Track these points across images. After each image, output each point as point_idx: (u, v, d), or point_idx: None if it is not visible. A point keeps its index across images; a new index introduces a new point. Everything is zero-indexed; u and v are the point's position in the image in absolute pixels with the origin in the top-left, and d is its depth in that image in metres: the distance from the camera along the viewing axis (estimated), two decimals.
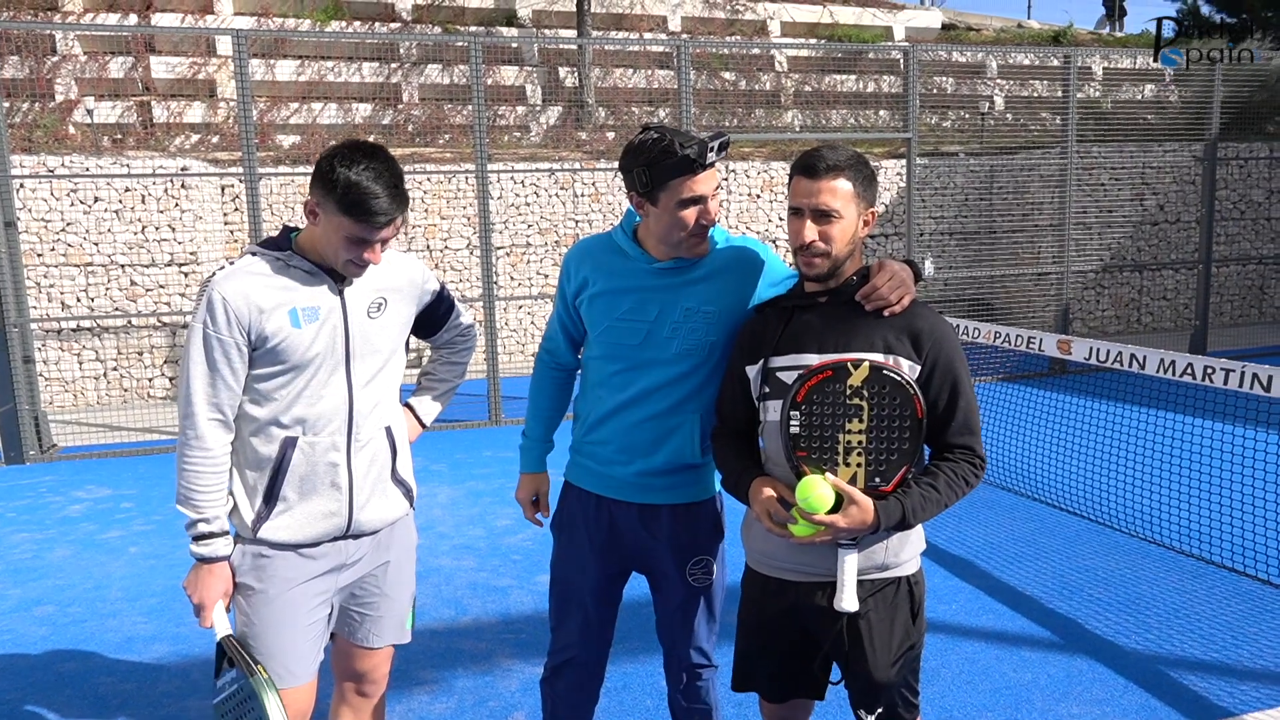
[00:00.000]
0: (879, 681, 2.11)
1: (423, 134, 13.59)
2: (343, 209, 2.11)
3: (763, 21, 17.83)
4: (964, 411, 2.09)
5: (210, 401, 2.18)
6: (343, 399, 2.25)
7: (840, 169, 2.06)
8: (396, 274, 2.38)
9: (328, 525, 2.27)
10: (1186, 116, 12.30)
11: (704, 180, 2.22)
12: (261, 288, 2.18)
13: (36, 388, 7.56)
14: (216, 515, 2.20)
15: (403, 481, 2.43)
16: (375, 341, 2.30)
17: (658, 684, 3.53)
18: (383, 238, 2.17)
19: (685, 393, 2.36)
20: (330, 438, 2.24)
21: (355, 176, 2.09)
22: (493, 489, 6.37)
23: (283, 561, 2.25)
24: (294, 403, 2.21)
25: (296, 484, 2.24)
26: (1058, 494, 5.85)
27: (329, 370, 2.23)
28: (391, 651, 2.54)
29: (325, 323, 2.22)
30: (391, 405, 2.39)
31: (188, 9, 14.75)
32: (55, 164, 9.97)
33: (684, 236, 2.26)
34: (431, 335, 2.60)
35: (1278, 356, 10.34)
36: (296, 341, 2.18)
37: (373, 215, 2.11)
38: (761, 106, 15.32)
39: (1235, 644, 3.85)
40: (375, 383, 2.31)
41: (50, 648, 4.11)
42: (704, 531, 2.48)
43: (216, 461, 2.20)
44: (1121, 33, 24.20)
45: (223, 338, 2.15)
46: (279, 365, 2.19)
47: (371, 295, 2.31)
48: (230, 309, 2.14)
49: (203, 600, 2.20)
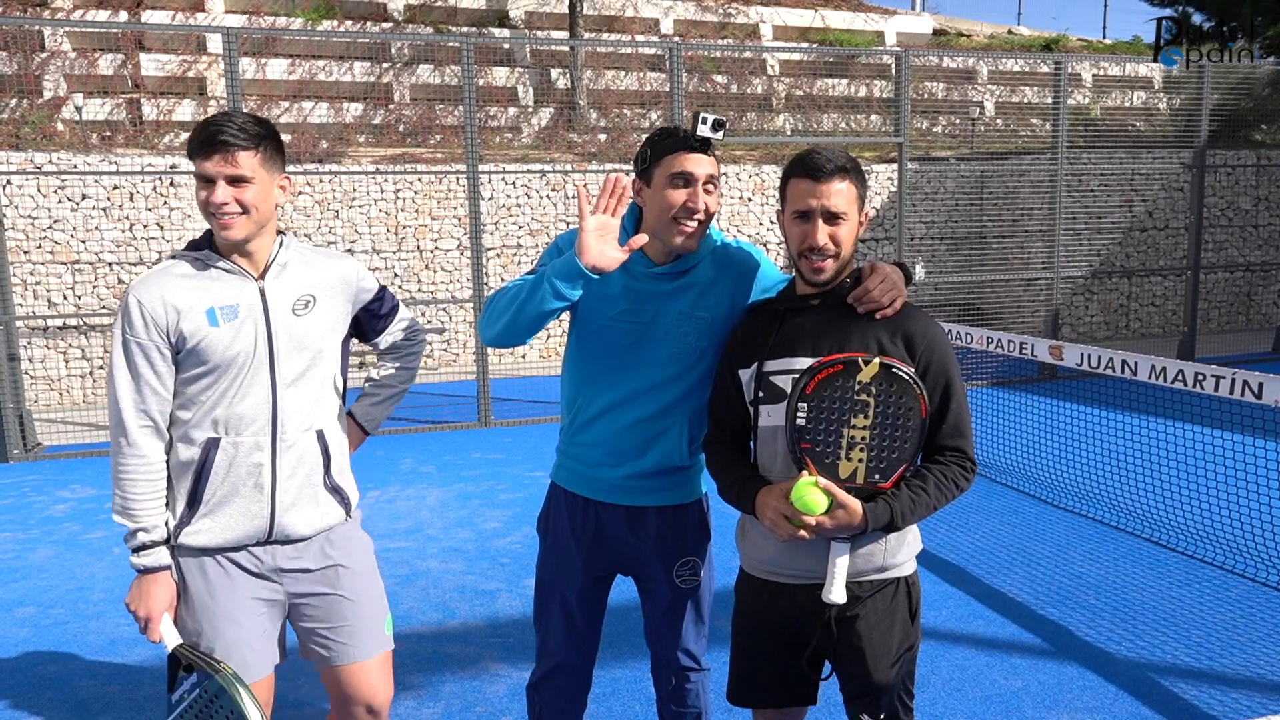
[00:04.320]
0: (878, 683, 2.10)
1: (414, 134, 13.53)
2: (189, 151, 2.14)
3: (754, 25, 17.84)
4: (955, 414, 2.09)
5: (139, 409, 2.15)
6: (266, 398, 2.20)
7: (845, 171, 2.07)
8: (327, 271, 2.34)
9: (249, 528, 2.22)
10: (1175, 124, 12.36)
11: (695, 160, 2.21)
12: (178, 288, 2.15)
13: (21, 386, 7.49)
14: (156, 524, 2.17)
15: (338, 489, 2.35)
16: (301, 339, 2.25)
17: (646, 689, 3.50)
18: (218, 171, 2.11)
19: (675, 396, 2.34)
20: (254, 438, 2.19)
21: (205, 121, 2.14)
22: (481, 491, 6.34)
23: (210, 566, 2.22)
24: (218, 403, 2.17)
25: (219, 486, 2.19)
26: (1050, 496, 5.85)
27: (252, 369, 2.18)
28: (383, 664, 2.43)
29: (245, 320, 2.18)
30: (325, 408, 2.32)
31: (178, 6, 14.67)
32: (43, 160, 9.89)
33: (670, 220, 2.22)
34: (375, 338, 2.54)
35: (1265, 363, 10.39)
36: (215, 340, 2.15)
37: (207, 143, 2.09)
38: (753, 110, 15.31)
39: (1226, 651, 3.84)
40: (303, 383, 2.25)
41: (31, 650, 4.06)
42: (691, 533, 2.47)
43: (152, 469, 2.17)
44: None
45: (142, 342, 2.13)
46: (201, 366, 2.16)
47: (298, 292, 2.26)
48: (146, 311, 2.12)
49: (149, 613, 2.17)
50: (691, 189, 2.22)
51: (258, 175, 2.15)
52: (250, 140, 2.13)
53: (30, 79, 12.42)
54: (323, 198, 10.96)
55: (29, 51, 12.82)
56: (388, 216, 11.19)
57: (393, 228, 11.20)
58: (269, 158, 2.18)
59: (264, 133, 2.17)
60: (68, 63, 12.96)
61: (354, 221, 11.06)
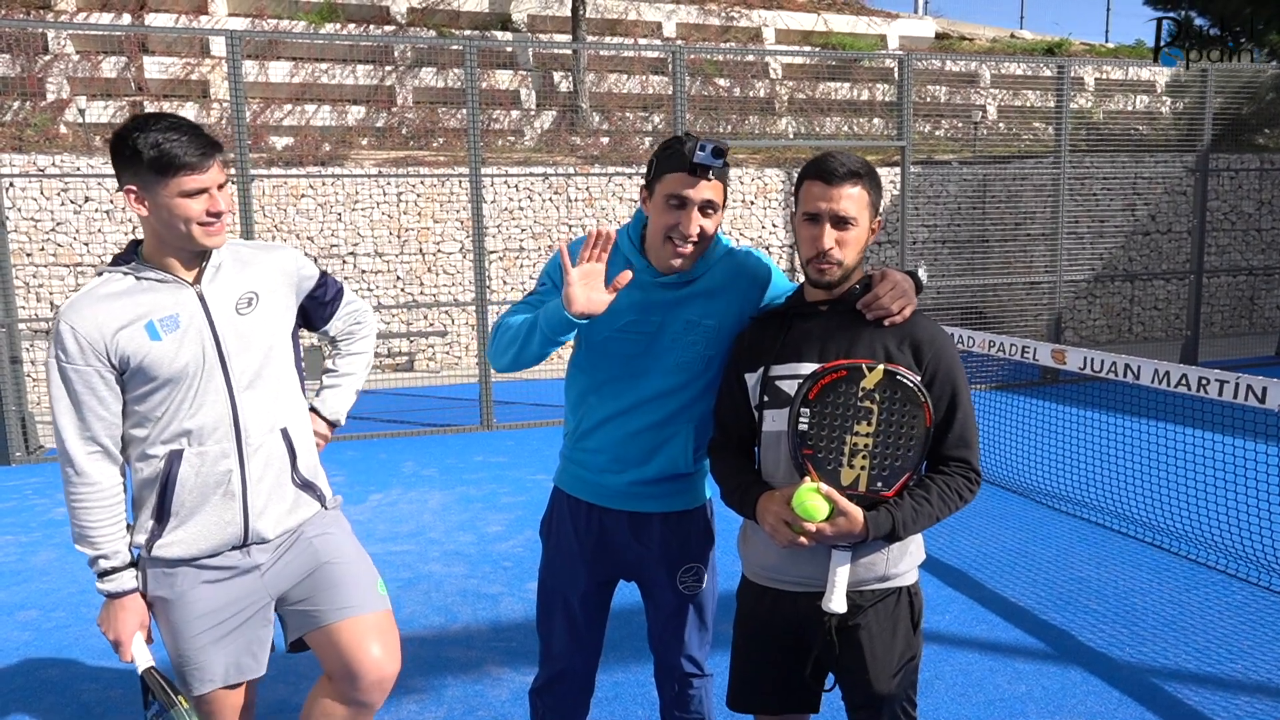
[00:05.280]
0: (880, 693, 2.09)
1: (416, 137, 13.54)
2: (158, 169, 2.02)
3: (757, 29, 17.85)
4: (961, 424, 2.07)
5: (83, 436, 2.09)
6: (224, 404, 2.15)
7: (858, 176, 2.05)
8: (265, 266, 2.27)
9: (224, 535, 2.18)
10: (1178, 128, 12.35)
11: (689, 182, 2.17)
12: (110, 308, 2.07)
13: (24, 388, 7.49)
14: (116, 550, 2.14)
15: (308, 484, 2.32)
16: (250, 339, 2.19)
17: (649, 694, 3.50)
18: (214, 181, 2.07)
19: (680, 403, 2.33)
20: (218, 445, 2.14)
21: (151, 138, 2.01)
22: (484, 494, 6.33)
23: (186, 575, 2.18)
24: (174, 417, 2.11)
25: (187, 497, 2.14)
26: (1052, 500, 5.84)
27: (205, 377, 2.12)
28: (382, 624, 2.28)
29: (188, 329, 2.11)
30: (285, 405, 2.27)
31: (181, 9, 14.69)
32: (46, 163, 9.90)
33: (664, 240, 2.21)
34: (323, 326, 2.47)
35: (1268, 367, 10.38)
36: (160, 355, 2.08)
37: (194, 160, 2.03)
38: (756, 113, 15.32)
39: (1230, 656, 3.83)
40: (260, 383, 2.20)
41: (33, 654, 4.05)
42: (695, 539, 2.46)
43: (105, 495, 2.12)
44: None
45: (79, 368, 2.05)
46: (150, 383, 2.09)
47: (238, 291, 2.20)
48: (80, 338, 2.04)
49: (118, 636, 2.15)
50: (685, 212, 2.19)
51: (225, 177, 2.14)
52: (216, 144, 2.09)
53: (33, 82, 12.44)
54: (325, 200, 10.97)
55: (32, 54, 12.85)
56: (390, 219, 11.20)
57: (395, 230, 11.21)
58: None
59: (209, 134, 2.11)
60: (71, 65, 12.98)
61: (356, 224, 11.06)
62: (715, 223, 2.25)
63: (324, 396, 2.54)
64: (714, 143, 2.16)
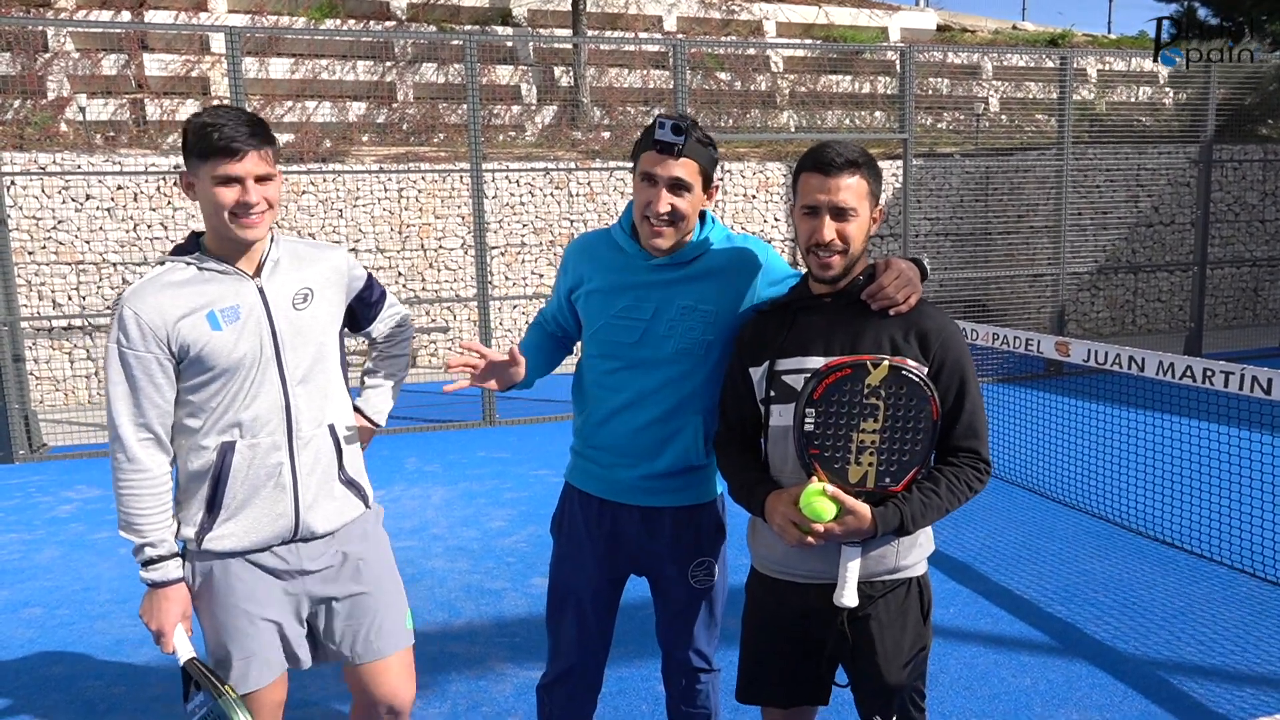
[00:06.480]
0: (891, 684, 2.08)
1: (417, 133, 13.53)
2: (200, 153, 2.06)
3: (758, 22, 17.82)
4: (970, 414, 2.06)
5: (137, 422, 2.10)
6: (278, 396, 2.18)
7: (856, 166, 2.02)
8: (319, 263, 2.31)
9: (275, 528, 2.20)
10: (1181, 119, 12.31)
11: (657, 160, 2.19)
12: (174, 296, 2.10)
13: (26, 386, 7.49)
14: (163, 539, 2.14)
15: (352, 482, 2.35)
16: (305, 334, 2.22)
17: (654, 688, 3.49)
18: (249, 172, 2.07)
19: (685, 394, 2.32)
20: (270, 438, 2.17)
21: (202, 120, 2.07)
22: (487, 490, 6.33)
23: (235, 568, 2.20)
24: (229, 407, 2.13)
25: (239, 489, 2.16)
26: (1057, 493, 5.83)
27: (261, 369, 2.15)
28: (404, 662, 2.41)
29: (248, 320, 2.14)
30: (333, 402, 2.30)
31: (181, 6, 14.68)
32: (46, 161, 9.90)
33: (642, 219, 2.24)
34: (367, 327, 2.51)
35: (1273, 358, 10.35)
36: (219, 345, 2.10)
37: (228, 144, 2.04)
38: (757, 107, 15.29)
39: (1236, 649, 3.82)
40: (312, 377, 2.24)
41: (37, 651, 4.05)
42: (707, 533, 2.45)
43: (155, 482, 2.12)
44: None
45: (139, 354, 2.08)
46: (208, 373, 2.11)
47: (296, 286, 2.23)
48: (143, 323, 2.07)
49: (160, 627, 2.16)
50: (655, 190, 2.20)
51: (275, 170, 2.15)
52: (267, 137, 2.11)
53: (34, 80, 12.44)
54: (326, 197, 10.96)
55: (32, 52, 12.84)
56: (391, 215, 11.18)
57: (397, 226, 11.20)
58: (275, 151, 2.17)
59: (267, 127, 2.15)
60: (71, 63, 12.97)
61: (358, 221, 11.05)
62: (690, 202, 2.24)
63: (366, 396, 2.56)
64: (674, 120, 2.17)
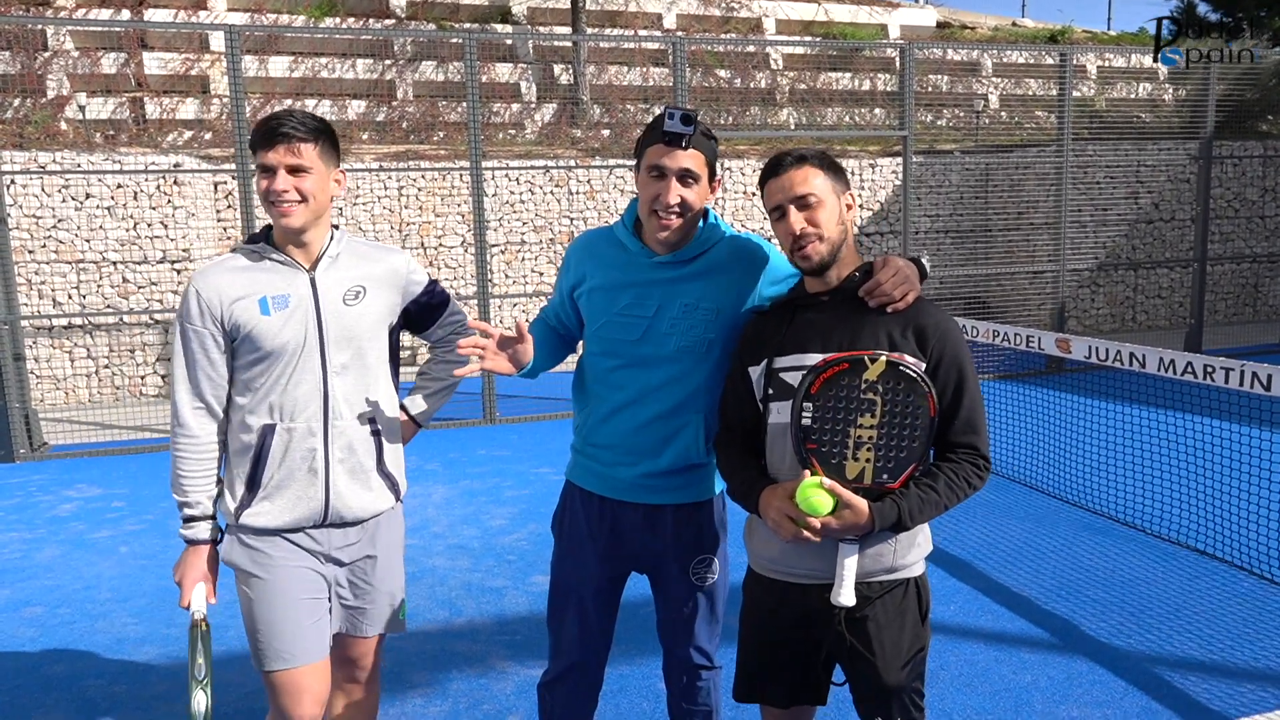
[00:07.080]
0: (889, 685, 2.08)
1: (417, 131, 13.53)
2: (252, 144, 2.26)
3: (758, 19, 17.81)
4: (968, 409, 2.06)
5: (191, 391, 2.29)
6: (317, 385, 2.30)
7: (805, 159, 2.10)
8: (377, 263, 2.43)
9: (305, 510, 2.31)
10: (1181, 115, 12.30)
11: (665, 152, 2.20)
12: (233, 279, 2.28)
13: (27, 385, 7.50)
14: (200, 501, 2.30)
15: (389, 475, 2.44)
16: (352, 329, 2.34)
17: (655, 686, 3.50)
18: (279, 161, 2.21)
19: (687, 392, 2.33)
20: (306, 424, 2.29)
21: (268, 116, 2.26)
22: (487, 488, 6.33)
23: (270, 545, 2.32)
24: (272, 389, 2.28)
25: (275, 471, 2.29)
26: (1057, 490, 5.83)
27: (302, 357, 2.28)
28: (380, 640, 2.55)
29: (295, 310, 2.28)
30: (376, 396, 2.40)
31: (180, 5, 14.67)
32: (46, 160, 9.89)
33: (650, 213, 2.25)
34: (426, 330, 2.61)
35: (1273, 354, 10.35)
36: (266, 329, 2.25)
37: (269, 135, 2.20)
38: (757, 104, 15.28)
39: (1236, 645, 3.83)
40: (353, 371, 2.35)
41: (38, 649, 4.06)
42: (708, 531, 2.46)
43: (201, 448, 2.29)
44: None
45: (197, 329, 2.27)
46: (255, 354, 2.27)
47: (349, 283, 2.36)
48: (203, 301, 2.26)
49: (182, 579, 2.31)
50: (664, 182, 2.21)
51: (315, 166, 2.26)
52: (310, 133, 2.24)
53: (33, 78, 12.43)
54: None
55: (32, 51, 12.83)
56: (391, 213, 11.18)
57: (396, 225, 11.20)
58: (326, 151, 2.29)
59: (322, 128, 2.28)
60: (71, 62, 12.96)
61: (358, 219, 11.05)
62: (698, 194, 2.26)
63: (414, 397, 2.64)
64: (683, 110, 2.19)
